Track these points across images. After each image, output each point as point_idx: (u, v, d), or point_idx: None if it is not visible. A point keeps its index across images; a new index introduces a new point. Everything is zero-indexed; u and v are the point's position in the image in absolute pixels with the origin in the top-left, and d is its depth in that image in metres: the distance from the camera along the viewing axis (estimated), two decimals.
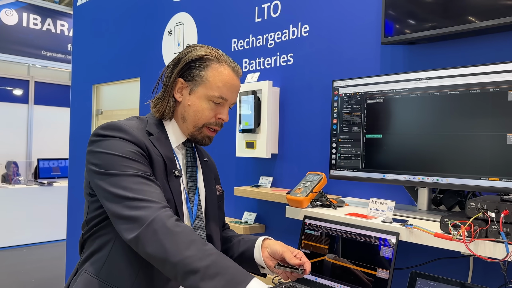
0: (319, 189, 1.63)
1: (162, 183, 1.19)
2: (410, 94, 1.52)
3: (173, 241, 0.99)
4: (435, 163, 1.45)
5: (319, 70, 2.05)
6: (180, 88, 1.29)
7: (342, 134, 1.71)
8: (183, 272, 0.96)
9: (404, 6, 1.64)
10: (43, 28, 7.91)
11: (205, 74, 1.26)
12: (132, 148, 1.14)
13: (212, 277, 0.94)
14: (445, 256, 1.51)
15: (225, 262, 0.98)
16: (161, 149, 1.24)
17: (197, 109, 1.27)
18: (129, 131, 1.18)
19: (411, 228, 1.29)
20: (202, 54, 1.27)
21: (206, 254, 0.97)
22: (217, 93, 1.26)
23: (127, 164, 1.10)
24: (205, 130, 1.30)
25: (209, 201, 1.39)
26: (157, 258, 1.00)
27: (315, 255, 1.50)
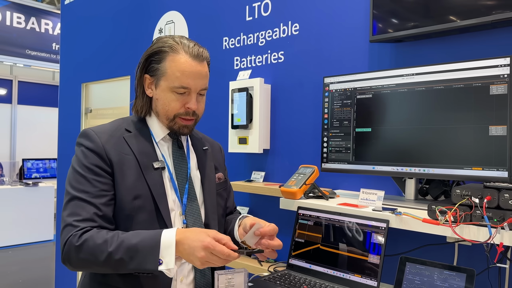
0: (312, 181, 1.70)
1: (134, 179, 1.23)
2: (397, 90, 1.59)
3: (87, 252, 1.12)
4: (422, 154, 1.52)
5: (309, 67, 2.12)
6: (149, 84, 1.32)
7: (333, 129, 1.78)
8: (114, 267, 1.12)
9: (390, 6, 1.71)
10: (27, 27, 7.82)
11: (163, 66, 1.27)
12: (88, 162, 1.21)
13: (133, 257, 1.10)
14: (432, 243, 1.60)
15: (136, 238, 1.12)
16: (135, 145, 1.28)
17: (164, 102, 1.29)
18: (92, 138, 1.25)
19: (400, 216, 1.37)
20: (157, 47, 1.29)
21: (118, 244, 1.11)
22: (177, 83, 1.26)
23: (76, 184, 1.20)
24: (179, 121, 1.30)
25: (207, 190, 1.40)
26: (88, 269, 1.20)
27: (309, 244, 1.56)
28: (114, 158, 1.23)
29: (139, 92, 1.35)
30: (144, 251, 1.10)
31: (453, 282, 1.25)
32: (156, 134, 1.34)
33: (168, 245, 1.11)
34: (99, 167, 1.21)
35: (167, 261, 1.10)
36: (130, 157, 1.25)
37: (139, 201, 1.22)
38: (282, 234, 2.19)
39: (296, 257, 1.58)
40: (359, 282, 1.39)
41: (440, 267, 1.29)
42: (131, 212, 1.21)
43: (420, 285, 1.30)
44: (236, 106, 2.30)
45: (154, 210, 1.24)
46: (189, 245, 1.09)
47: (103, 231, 1.16)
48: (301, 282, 1.43)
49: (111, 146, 1.25)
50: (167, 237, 1.12)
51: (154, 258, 1.10)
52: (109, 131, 1.28)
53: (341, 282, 1.42)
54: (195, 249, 1.08)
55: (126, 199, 1.21)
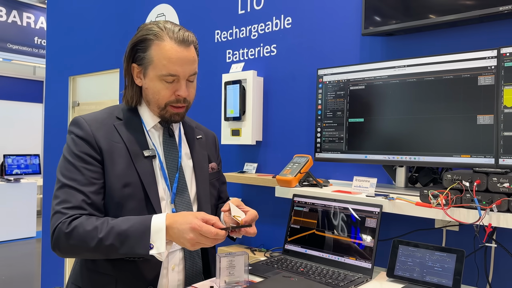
0: (306, 169, 1.75)
1: (124, 167, 1.23)
2: (389, 81, 1.65)
3: (77, 239, 1.13)
4: (412, 143, 1.59)
5: (302, 60, 2.17)
6: (138, 73, 1.30)
7: (326, 119, 1.83)
8: (105, 253, 1.14)
9: (382, 0, 1.77)
10: (9, 20, 7.66)
11: (149, 55, 1.25)
12: (77, 150, 1.22)
13: (124, 242, 1.12)
14: (422, 228, 1.67)
15: (126, 224, 1.14)
16: (126, 133, 1.27)
17: (154, 91, 1.28)
18: (82, 125, 1.24)
19: (393, 200, 1.42)
20: (142, 35, 1.26)
21: (108, 230, 1.13)
22: (165, 71, 1.24)
23: (66, 172, 1.21)
24: (170, 109, 1.29)
25: (199, 179, 1.40)
26: (79, 256, 1.22)
27: (304, 230, 1.61)
28: (104, 146, 1.23)
29: (128, 82, 1.33)
30: (135, 236, 1.12)
31: (444, 263, 1.31)
32: (147, 122, 1.33)
33: (158, 230, 1.12)
34: (88, 155, 1.22)
35: (158, 245, 1.12)
36: (120, 145, 1.25)
37: (128, 189, 1.22)
38: (276, 222, 2.24)
39: (292, 242, 1.63)
40: (353, 264, 1.45)
41: (432, 248, 1.35)
42: (121, 200, 1.21)
43: (412, 266, 1.36)
44: (229, 98, 2.33)
45: (144, 199, 1.24)
46: (178, 228, 1.11)
47: (92, 217, 1.16)
48: (298, 266, 1.48)
49: (101, 134, 1.24)
50: (157, 222, 1.13)
51: (144, 242, 1.11)
52: (99, 119, 1.28)
53: (336, 265, 1.47)
54: (183, 231, 1.10)
55: (115, 187, 1.21)
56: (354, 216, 1.50)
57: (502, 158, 1.39)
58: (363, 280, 1.36)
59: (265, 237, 2.30)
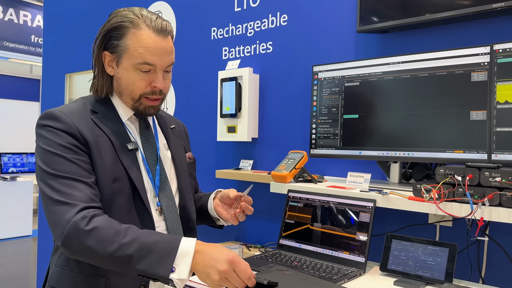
0: (301, 165, 1.75)
1: (111, 161, 1.16)
2: (384, 77, 1.66)
3: (95, 240, 1.00)
4: (407, 139, 1.60)
5: (298, 57, 2.18)
6: (109, 62, 1.22)
7: (321, 116, 1.84)
8: (119, 263, 1.00)
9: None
10: (5, 18, 7.65)
11: (124, 43, 1.17)
12: (64, 141, 1.11)
13: (144, 256, 0.99)
14: (416, 223, 1.68)
15: (152, 238, 1.02)
16: (106, 126, 1.20)
17: (128, 81, 1.20)
18: (62, 118, 1.14)
19: (387, 195, 1.43)
20: (117, 21, 1.19)
21: (132, 239, 1.00)
22: (141, 59, 1.16)
23: (56, 166, 1.09)
24: (144, 101, 1.22)
25: (179, 170, 1.35)
26: (89, 259, 1.04)
27: (299, 224, 1.62)
28: (90, 139, 1.14)
29: (98, 71, 1.24)
30: (159, 253, 0.99)
31: (436, 257, 1.32)
32: (122, 115, 1.25)
33: (186, 253, 0.99)
34: (77, 146, 1.12)
35: (181, 270, 0.98)
36: (103, 138, 1.17)
37: (117, 184, 1.15)
38: (272, 219, 2.25)
39: (286, 237, 1.64)
40: (347, 258, 1.46)
41: (425, 243, 1.36)
42: (111, 195, 1.14)
43: (405, 260, 1.37)
44: (225, 95, 2.34)
45: (131, 193, 1.17)
46: (211, 257, 0.99)
47: (114, 221, 1.05)
48: (292, 260, 1.49)
49: (83, 126, 1.15)
50: (186, 244, 1.01)
51: (168, 263, 0.98)
52: (76, 111, 1.19)
53: (330, 259, 1.48)
54: (218, 261, 0.97)
55: (105, 182, 1.13)
56: (348, 210, 1.51)
57: (495, 153, 1.40)
58: (356, 274, 1.37)
59: (260, 234, 2.31)
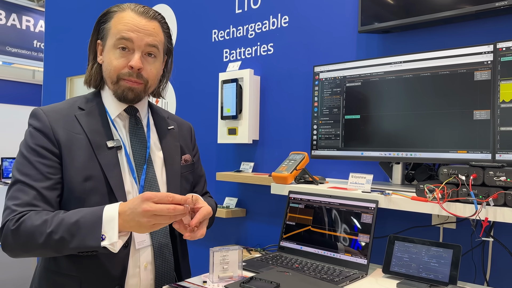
0: (302, 166, 1.73)
1: (85, 159, 1.16)
2: (386, 77, 1.64)
3: (24, 235, 1.05)
4: (409, 139, 1.58)
5: (299, 59, 2.16)
6: (100, 51, 1.26)
7: (322, 116, 1.82)
8: (55, 249, 1.06)
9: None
10: (8, 24, 7.68)
11: (108, 25, 1.23)
12: (33, 143, 1.15)
13: (74, 235, 1.03)
14: (418, 225, 1.65)
15: (77, 215, 1.06)
16: (88, 123, 1.21)
17: (107, 62, 1.22)
18: (40, 116, 1.18)
19: (389, 196, 1.41)
20: (107, 9, 1.26)
21: (58, 223, 1.05)
22: (118, 35, 1.19)
23: (20, 167, 1.14)
24: (122, 83, 1.21)
25: (169, 172, 1.32)
26: (30, 254, 1.10)
27: (300, 226, 1.59)
28: (62, 138, 1.16)
29: (90, 60, 1.29)
30: (86, 227, 1.04)
31: (440, 258, 1.29)
32: (111, 111, 1.26)
33: (110, 219, 1.04)
34: (44, 148, 1.15)
35: (110, 235, 1.03)
36: (80, 136, 1.18)
37: (90, 183, 1.15)
38: (272, 221, 2.23)
39: (287, 239, 1.61)
40: (349, 260, 1.43)
41: (428, 244, 1.34)
42: (82, 194, 1.14)
43: (408, 262, 1.35)
44: (226, 97, 2.32)
45: (107, 193, 1.16)
46: (130, 207, 1.03)
47: (42, 212, 1.09)
48: (293, 262, 1.46)
49: (60, 125, 1.18)
50: (109, 211, 1.06)
51: (96, 233, 1.03)
52: (60, 110, 1.22)
53: (332, 261, 1.46)
54: (136, 206, 1.02)
55: (75, 181, 1.14)
56: (350, 212, 1.48)
57: (499, 153, 1.38)
58: (358, 276, 1.34)
59: (261, 237, 2.29)
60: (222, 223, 2.43)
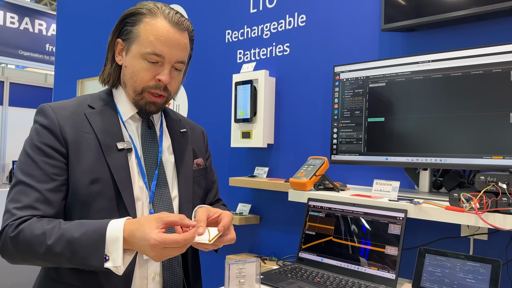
0: (322, 172, 1.63)
1: (93, 161, 1.08)
2: (412, 77, 1.54)
3: (23, 245, 0.99)
4: (438, 144, 1.47)
5: (317, 59, 2.06)
6: (120, 50, 1.18)
7: (343, 119, 1.72)
8: (55, 263, 0.99)
9: None
10: (20, 27, 7.72)
11: (137, 29, 1.13)
12: (39, 141, 1.08)
13: (75, 252, 0.96)
14: (447, 236, 1.54)
15: (78, 230, 0.98)
16: (97, 123, 1.13)
17: (133, 70, 1.14)
18: (47, 113, 1.10)
19: (419, 205, 1.30)
20: (135, 8, 1.17)
21: (58, 237, 0.98)
22: (149, 49, 1.11)
23: (23, 167, 1.07)
24: (147, 95, 1.14)
25: (182, 176, 1.24)
26: (28, 263, 1.03)
27: (320, 236, 1.49)
28: (70, 137, 1.08)
29: (109, 58, 1.21)
30: (87, 245, 0.96)
31: (477, 274, 1.18)
32: (123, 112, 1.18)
33: (115, 239, 0.96)
34: (50, 147, 1.07)
35: (114, 257, 0.95)
36: (90, 136, 1.10)
37: (97, 186, 1.07)
38: (287, 229, 2.13)
39: (306, 250, 1.51)
40: (375, 275, 1.32)
41: (463, 258, 1.22)
42: (88, 198, 1.06)
43: (441, 277, 1.24)
44: (240, 99, 2.23)
45: (115, 197, 1.08)
46: (138, 244, 0.95)
47: (44, 220, 1.01)
48: (313, 276, 1.36)
49: (69, 123, 1.10)
50: (113, 229, 0.97)
51: (99, 253, 0.95)
52: (69, 107, 1.14)
53: (356, 275, 1.35)
54: (144, 249, 0.95)
55: (81, 183, 1.06)
56: (376, 221, 1.38)
57: None
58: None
59: (276, 246, 2.19)
60: (235, 231, 2.33)
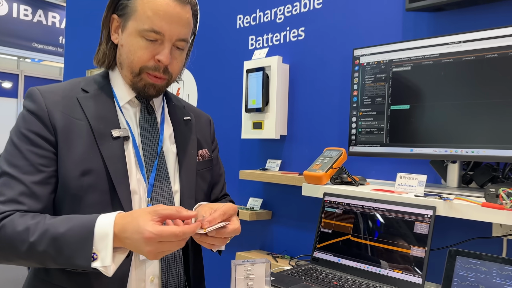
0: (339, 165, 1.50)
1: (84, 150, 0.99)
2: (441, 60, 1.39)
3: (4, 242, 0.90)
4: (470, 134, 1.32)
5: (334, 43, 1.92)
6: (116, 28, 1.07)
7: (363, 107, 1.57)
8: (38, 262, 0.90)
9: None
10: (34, 20, 7.71)
11: (133, 3, 1.03)
12: (26, 128, 0.98)
13: (60, 250, 0.87)
14: (478, 236, 1.39)
15: (64, 226, 0.89)
16: (91, 108, 1.03)
17: (129, 49, 1.03)
18: (35, 97, 1.00)
19: (450, 201, 1.16)
20: None
21: (41, 233, 0.88)
22: (147, 25, 1.00)
23: (9, 157, 0.97)
24: (145, 77, 1.04)
25: (184, 168, 1.13)
26: (11, 263, 0.94)
27: (337, 235, 1.36)
28: (60, 123, 0.98)
29: (104, 37, 1.10)
30: (73, 242, 0.86)
31: None
32: (120, 97, 1.08)
33: (104, 235, 0.86)
34: (38, 134, 0.97)
35: (103, 256, 0.86)
36: (81, 122, 1.00)
37: (89, 178, 0.97)
38: (301, 226, 2.00)
39: (321, 249, 1.38)
40: (399, 278, 1.18)
41: (500, 261, 1.08)
42: (78, 191, 0.97)
43: (475, 283, 1.09)
44: (251, 88, 2.10)
45: (109, 191, 0.99)
46: (131, 239, 0.85)
47: (28, 215, 0.91)
48: (330, 278, 1.23)
49: (58, 108, 1.00)
50: (103, 225, 0.87)
51: (85, 251, 0.85)
52: (59, 91, 1.04)
53: (377, 279, 1.21)
54: (138, 244, 0.85)
55: (71, 175, 0.96)
56: (400, 219, 1.24)
57: None
58: None
59: (289, 243, 2.06)
60: (245, 226, 2.22)
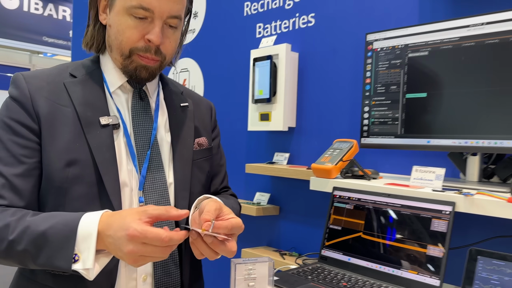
0: (350, 157, 1.40)
1: (70, 139, 0.93)
2: (462, 44, 1.28)
3: None
4: (493, 124, 1.21)
5: (346, 30, 1.82)
6: (104, 7, 1.01)
7: (376, 96, 1.47)
8: (18, 261, 0.85)
9: None
10: (45, 14, 7.70)
11: None
12: (7, 116, 0.93)
13: (41, 248, 0.82)
14: (501, 235, 1.28)
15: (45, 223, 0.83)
16: (78, 94, 0.96)
17: (118, 29, 0.96)
18: (19, 83, 0.95)
19: (471, 196, 1.06)
20: None
21: (21, 231, 0.83)
22: (135, 1, 0.93)
23: None
24: (136, 58, 0.97)
25: (178, 158, 1.05)
26: None
27: (347, 232, 1.26)
28: (43, 111, 0.92)
29: (91, 18, 1.04)
30: (54, 241, 0.81)
31: None
32: (111, 82, 1.01)
33: (87, 235, 0.80)
34: (20, 123, 0.92)
35: (85, 257, 0.79)
36: (67, 109, 0.94)
37: (74, 169, 0.91)
38: (310, 222, 1.91)
39: (330, 247, 1.29)
40: (414, 280, 1.09)
41: None
42: (63, 183, 0.91)
43: (499, 286, 0.99)
44: (258, 77, 2.01)
45: (96, 183, 0.92)
46: (113, 237, 0.78)
47: (9, 210, 0.86)
48: (338, 278, 1.14)
49: (43, 94, 0.94)
50: (87, 223, 0.81)
51: (66, 252, 0.79)
52: (45, 76, 0.98)
53: (391, 280, 1.12)
54: (119, 242, 0.77)
55: (56, 166, 0.90)
56: (416, 216, 1.14)
57: None
58: None
59: (297, 239, 1.97)
60: (252, 222, 2.14)
